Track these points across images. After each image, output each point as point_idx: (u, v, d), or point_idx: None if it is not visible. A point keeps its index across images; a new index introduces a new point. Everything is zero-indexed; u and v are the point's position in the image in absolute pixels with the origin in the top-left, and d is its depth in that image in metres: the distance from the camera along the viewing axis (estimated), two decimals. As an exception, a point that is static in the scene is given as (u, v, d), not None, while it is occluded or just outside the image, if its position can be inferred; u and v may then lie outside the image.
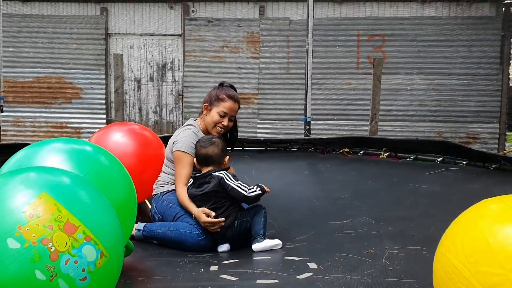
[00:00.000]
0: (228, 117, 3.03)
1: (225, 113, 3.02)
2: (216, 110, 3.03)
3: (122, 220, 2.04)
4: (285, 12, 9.83)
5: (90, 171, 2.01)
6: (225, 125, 3.03)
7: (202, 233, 2.74)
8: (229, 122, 3.04)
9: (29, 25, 9.99)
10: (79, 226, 1.52)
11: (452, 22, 9.48)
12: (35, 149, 2.11)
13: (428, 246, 2.54)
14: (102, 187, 1.95)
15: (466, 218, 1.56)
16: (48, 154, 2.05)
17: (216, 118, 3.02)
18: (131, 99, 10.27)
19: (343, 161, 4.95)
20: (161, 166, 3.14)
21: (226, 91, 3.07)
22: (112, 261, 1.60)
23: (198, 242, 2.73)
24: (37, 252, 1.45)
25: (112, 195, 2.02)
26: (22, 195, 1.53)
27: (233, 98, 3.06)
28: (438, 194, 3.81)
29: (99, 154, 2.14)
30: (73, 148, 2.11)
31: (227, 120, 3.03)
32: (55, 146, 2.13)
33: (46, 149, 2.10)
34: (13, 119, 10.00)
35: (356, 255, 2.53)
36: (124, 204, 2.16)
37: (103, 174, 2.09)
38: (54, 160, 2.00)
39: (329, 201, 3.71)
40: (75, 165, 2.00)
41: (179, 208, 2.88)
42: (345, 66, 9.63)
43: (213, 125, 3.03)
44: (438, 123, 9.54)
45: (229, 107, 3.03)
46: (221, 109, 3.02)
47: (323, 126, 9.40)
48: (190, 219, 2.80)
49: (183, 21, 9.98)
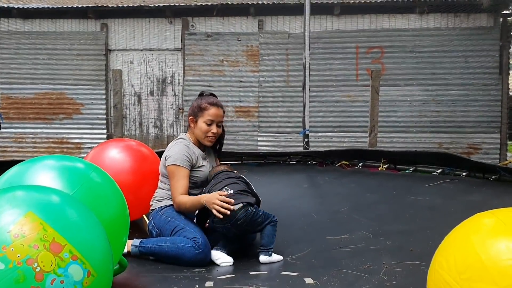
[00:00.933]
0: (215, 124, 3.01)
1: (212, 121, 3.00)
2: (202, 120, 3.01)
3: (114, 237, 2.02)
4: (284, 25, 9.88)
5: (80, 188, 1.99)
6: (215, 132, 3.01)
7: (199, 246, 2.71)
8: (217, 129, 3.03)
9: (30, 41, 10.06)
10: (65, 245, 1.50)
11: (450, 33, 9.50)
12: (26, 166, 2.09)
13: (427, 261, 2.47)
14: (93, 204, 1.93)
15: (459, 233, 1.53)
16: (39, 171, 2.04)
17: (205, 128, 3.00)
18: (131, 113, 10.29)
19: (342, 173, 4.92)
20: (157, 182, 3.12)
21: (207, 99, 3.05)
22: (100, 280, 1.57)
23: (196, 256, 2.70)
24: (22, 272, 1.42)
25: (104, 212, 2.00)
26: (7, 214, 1.51)
27: (216, 104, 3.04)
28: (437, 206, 3.78)
29: (90, 171, 2.12)
30: (64, 165, 2.09)
31: (215, 127, 3.01)
32: (46, 163, 2.11)
33: (37, 166, 2.08)
34: (14, 135, 10.03)
35: (354, 270, 2.50)
36: (116, 221, 2.13)
37: (94, 191, 2.07)
38: (45, 177, 1.99)
39: (327, 215, 3.68)
40: (66, 182, 1.98)
41: (177, 222, 2.85)
42: (344, 79, 9.65)
43: (203, 135, 3.01)
44: (438, 134, 9.52)
45: (214, 114, 3.01)
46: (206, 117, 3.00)
47: (323, 139, 9.39)
48: (187, 233, 2.77)
49: (182, 35, 10.04)
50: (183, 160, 2.92)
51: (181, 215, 2.91)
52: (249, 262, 2.78)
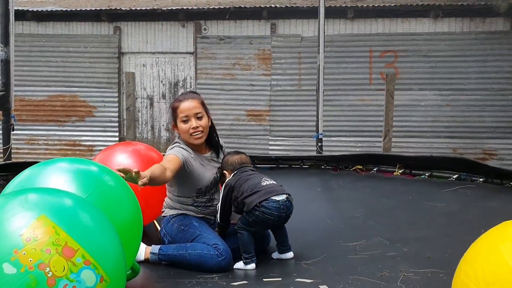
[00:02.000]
0: (192, 118, 2.85)
1: (186, 116, 2.84)
2: (179, 120, 2.88)
3: (127, 241, 1.98)
4: (297, 29, 9.84)
5: (94, 191, 1.96)
6: (195, 126, 2.84)
7: (221, 253, 2.65)
8: (197, 121, 2.85)
9: (43, 44, 10.12)
10: (78, 250, 1.46)
11: (465, 37, 9.39)
12: (40, 169, 2.07)
13: (445, 269, 2.44)
14: (107, 207, 1.89)
15: (486, 241, 1.47)
16: (52, 173, 2.01)
17: (184, 127, 2.86)
18: (143, 116, 10.30)
19: (356, 178, 4.84)
20: (166, 187, 3.07)
21: (176, 98, 2.97)
22: (113, 286, 1.53)
23: (219, 263, 2.64)
24: (34, 277, 1.39)
25: (117, 215, 1.96)
26: (20, 217, 1.48)
27: (185, 98, 2.89)
28: (455, 213, 3.69)
29: (104, 174, 2.09)
30: (77, 168, 2.06)
31: (193, 120, 2.84)
32: (60, 165, 2.08)
33: (50, 168, 2.05)
34: (27, 137, 10.08)
35: (370, 278, 2.43)
36: (130, 225, 2.09)
37: (108, 194, 2.04)
38: (58, 179, 1.95)
39: (342, 220, 3.61)
40: (79, 185, 1.95)
41: (192, 230, 2.80)
42: (358, 82, 9.58)
43: (187, 135, 2.87)
44: (453, 139, 9.40)
45: (185, 108, 2.85)
46: (180, 116, 2.86)
47: (336, 143, 9.32)
48: (207, 240, 2.72)
49: (195, 39, 10.04)
50: (175, 151, 2.84)
51: (193, 221, 2.85)
52: (262, 268, 2.73)
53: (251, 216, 2.71)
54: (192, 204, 2.95)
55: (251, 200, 2.70)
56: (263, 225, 2.76)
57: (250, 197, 2.71)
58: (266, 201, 2.68)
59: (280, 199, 2.73)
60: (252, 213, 2.70)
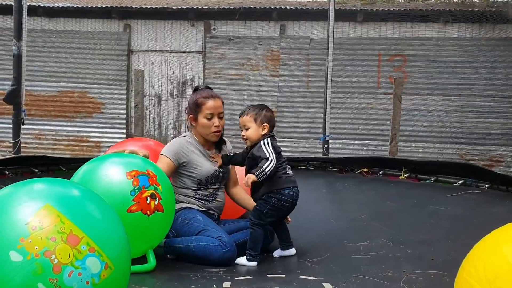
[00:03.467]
0: (216, 116, 2.94)
1: (211, 114, 2.92)
2: (202, 115, 2.93)
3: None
4: (306, 31, 9.85)
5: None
6: (218, 125, 2.94)
7: (226, 245, 2.67)
8: (220, 121, 2.95)
9: (54, 40, 10.21)
10: (83, 238, 1.48)
11: (475, 43, 9.36)
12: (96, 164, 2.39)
13: (448, 271, 2.44)
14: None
15: (489, 242, 1.48)
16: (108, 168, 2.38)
17: (206, 123, 2.93)
18: (151, 114, 10.35)
19: (361, 181, 4.85)
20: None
21: (202, 94, 2.98)
22: (117, 273, 1.55)
23: (223, 254, 2.66)
24: (40, 264, 1.41)
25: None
26: (25, 206, 1.50)
27: (212, 96, 2.96)
28: (459, 217, 3.69)
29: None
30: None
31: (216, 119, 2.93)
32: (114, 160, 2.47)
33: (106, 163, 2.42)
34: (35, 132, 10.16)
35: (373, 277, 2.44)
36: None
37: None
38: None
39: (346, 221, 3.63)
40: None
41: (196, 224, 2.82)
42: (366, 86, 9.57)
43: (208, 131, 2.94)
44: (459, 145, 9.36)
45: (212, 106, 2.93)
46: (205, 112, 2.92)
47: (342, 145, 9.32)
48: (211, 233, 2.74)
49: (204, 38, 10.08)
50: (169, 151, 2.90)
51: (197, 215, 2.88)
52: (266, 265, 2.75)
53: (267, 204, 2.76)
54: (194, 196, 2.97)
55: (283, 181, 2.79)
56: (277, 213, 2.81)
57: (283, 178, 2.79)
58: (286, 189, 2.78)
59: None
60: (268, 201, 2.76)
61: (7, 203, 1.52)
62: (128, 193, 2.30)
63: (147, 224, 2.35)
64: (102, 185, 2.30)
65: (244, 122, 2.88)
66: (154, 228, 2.44)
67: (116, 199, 2.24)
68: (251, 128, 2.86)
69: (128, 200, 2.29)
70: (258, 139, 2.83)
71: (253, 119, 2.85)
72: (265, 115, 2.87)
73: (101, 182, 2.32)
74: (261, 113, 2.86)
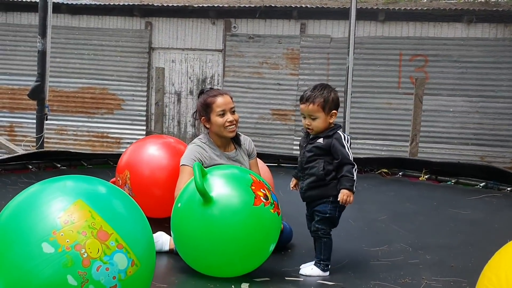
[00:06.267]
0: (228, 112, 2.91)
1: (223, 110, 2.90)
2: (214, 114, 2.91)
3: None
4: (326, 29, 9.82)
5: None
6: (231, 120, 2.91)
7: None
8: (232, 116, 2.93)
9: (76, 37, 10.36)
10: (112, 234, 1.52)
11: (499, 43, 9.22)
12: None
13: (468, 278, 2.42)
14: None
15: (511, 249, 1.47)
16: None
17: (220, 121, 2.90)
18: (170, 111, 10.44)
19: (381, 181, 4.84)
20: None
21: (208, 94, 2.97)
22: (143, 271, 1.60)
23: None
24: (70, 257, 1.46)
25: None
26: (58, 201, 1.55)
27: (220, 93, 2.95)
28: (480, 221, 3.66)
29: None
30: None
31: (229, 114, 2.91)
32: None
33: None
34: (57, 127, 10.32)
35: (392, 284, 2.42)
36: None
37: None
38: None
39: (365, 223, 3.61)
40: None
41: None
42: (386, 86, 9.51)
43: (222, 128, 2.91)
44: (481, 147, 9.24)
45: (222, 103, 2.91)
46: (216, 110, 2.90)
47: (362, 146, 9.27)
48: None
49: (224, 36, 10.12)
50: (189, 159, 2.86)
51: None
52: (284, 267, 2.71)
53: (336, 208, 2.53)
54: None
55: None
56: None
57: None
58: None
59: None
60: (336, 204, 2.51)
61: (41, 197, 1.58)
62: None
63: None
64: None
65: (311, 112, 2.54)
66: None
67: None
68: (319, 119, 2.54)
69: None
70: (326, 128, 2.56)
71: (321, 107, 2.53)
72: (333, 99, 2.57)
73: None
74: (329, 98, 2.54)
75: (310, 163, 2.55)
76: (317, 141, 2.54)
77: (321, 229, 2.53)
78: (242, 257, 2.31)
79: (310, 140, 2.59)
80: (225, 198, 2.28)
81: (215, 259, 2.29)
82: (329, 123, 2.56)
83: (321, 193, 2.53)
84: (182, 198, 2.40)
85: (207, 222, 2.23)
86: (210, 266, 2.35)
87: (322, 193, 2.53)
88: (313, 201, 2.58)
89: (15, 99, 10.48)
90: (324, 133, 2.55)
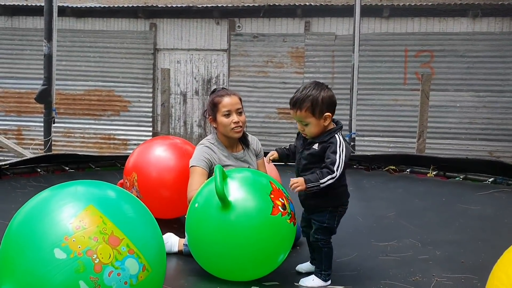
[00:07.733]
0: (234, 113, 2.91)
1: (229, 110, 2.90)
2: (220, 114, 2.92)
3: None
4: (331, 27, 9.80)
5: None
6: (237, 121, 2.90)
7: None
8: (239, 116, 2.92)
9: (82, 39, 10.40)
10: (123, 239, 1.53)
11: (505, 37, 9.15)
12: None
13: (479, 275, 2.41)
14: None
15: (522, 246, 1.46)
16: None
17: (225, 121, 2.91)
18: (176, 112, 10.46)
19: (389, 178, 4.83)
20: None
21: (216, 94, 2.99)
22: (154, 276, 1.60)
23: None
24: (82, 263, 1.47)
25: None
26: (69, 207, 1.56)
27: (227, 94, 2.96)
28: (489, 217, 3.64)
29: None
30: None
31: (235, 115, 2.91)
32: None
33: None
34: (64, 130, 10.37)
35: (402, 282, 2.41)
36: None
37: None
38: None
39: (374, 219, 3.61)
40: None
41: None
42: (392, 82, 9.47)
43: (228, 128, 2.91)
44: (489, 142, 9.19)
45: (228, 103, 2.91)
46: (222, 110, 2.91)
47: (368, 143, 9.25)
48: None
49: (229, 36, 10.12)
50: (199, 160, 2.87)
51: None
52: (294, 269, 2.68)
53: (334, 217, 2.43)
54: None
55: (347, 193, 2.48)
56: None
57: (344, 187, 2.45)
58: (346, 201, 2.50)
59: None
60: (335, 214, 2.42)
61: (52, 202, 1.59)
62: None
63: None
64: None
65: (300, 118, 2.37)
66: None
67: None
68: (310, 124, 2.36)
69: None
70: (323, 131, 2.38)
71: (310, 112, 2.33)
72: (323, 99, 2.34)
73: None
74: (318, 100, 2.32)
75: (306, 171, 2.39)
76: (312, 147, 2.38)
77: (321, 240, 2.42)
78: (254, 263, 2.32)
79: (306, 145, 2.43)
80: (243, 204, 2.27)
81: (227, 263, 2.29)
82: (325, 126, 2.37)
83: (319, 203, 2.42)
84: (200, 199, 2.38)
85: (223, 226, 2.23)
86: (221, 269, 2.36)
87: (319, 204, 2.42)
88: (310, 209, 2.50)
89: (22, 102, 10.54)
90: (320, 138, 2.37)
